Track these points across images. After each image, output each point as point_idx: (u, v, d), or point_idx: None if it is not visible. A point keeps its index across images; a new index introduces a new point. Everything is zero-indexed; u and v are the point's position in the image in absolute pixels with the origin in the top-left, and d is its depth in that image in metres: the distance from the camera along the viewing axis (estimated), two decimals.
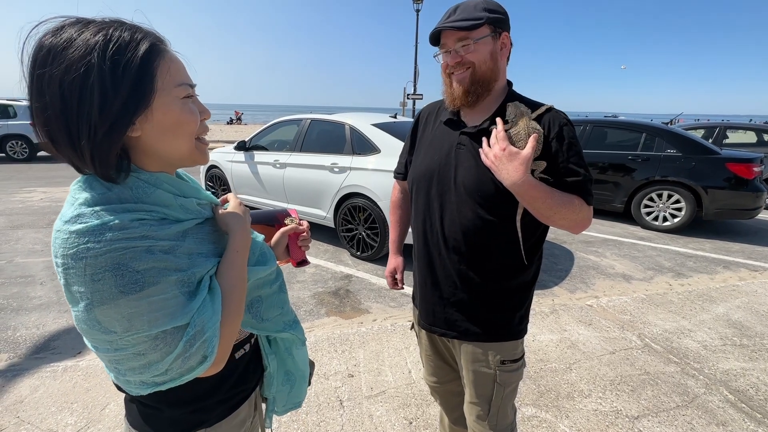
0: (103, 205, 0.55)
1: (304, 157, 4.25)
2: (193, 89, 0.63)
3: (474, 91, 1.00)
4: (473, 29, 0.96)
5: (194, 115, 0.62)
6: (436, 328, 1.15)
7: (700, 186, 4.78)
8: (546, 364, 2.29)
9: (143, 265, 0.53)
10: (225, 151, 5.28)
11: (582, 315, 2.88)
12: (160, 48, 0.59)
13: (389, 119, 4.26)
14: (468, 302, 1.08)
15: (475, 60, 0.98)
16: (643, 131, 5.40)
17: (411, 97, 17.85)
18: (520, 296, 1.09)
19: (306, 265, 0.97)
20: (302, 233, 0.93)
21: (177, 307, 0.56)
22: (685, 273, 3.77)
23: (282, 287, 0.82)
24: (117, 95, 0.53)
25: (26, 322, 2.63)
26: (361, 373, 2.18)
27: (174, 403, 0.68)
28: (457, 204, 1.03)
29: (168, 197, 0.61)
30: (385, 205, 3.53)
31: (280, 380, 0.84)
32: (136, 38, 0.56)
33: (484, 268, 1.05)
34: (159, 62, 0.57)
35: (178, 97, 0.60)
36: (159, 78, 0.57)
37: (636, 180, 5.22)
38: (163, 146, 0.60)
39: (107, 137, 0.54)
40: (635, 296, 3.22)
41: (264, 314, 0.76)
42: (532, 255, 1.07)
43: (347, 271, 3.63)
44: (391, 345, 2.45)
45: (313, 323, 2.74)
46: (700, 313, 2.93)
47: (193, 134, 0.63)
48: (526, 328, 1.14)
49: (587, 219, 0.96)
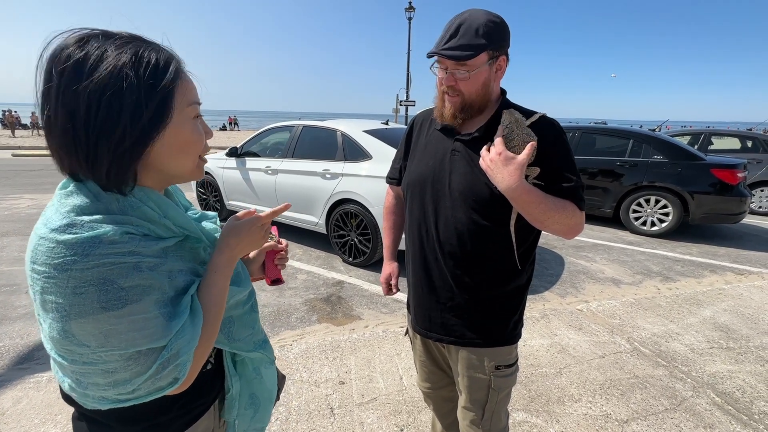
0: (93, 215, 0.53)
1: (296, 164, 4.25)
2: (199, 107, 0.64)
3: (462, 116, 1.03)
4: (469, 59, 0.95)
5: (202, 135, 0.64)
6: (432, 333, 1.15)
7: (687, 191, 4.88)
8: (537, 369, 2.30)
9: (129, 282, 0.52)
10: (216, 157, 5.25)
11: (572, 319, 2.90)
12: (178, 68, 0.60)
13: (381, 126, 4.28)
14: (464, 307, 1.08)
15: (466, 91, 0.99)
16: (631, 137, 5.50)
17: (404, 104, 17.98)
18: (515, 301, 1.10)
19: (280, 284, 0.95)
20: (280, 252, 0.92)
21: (156, 328, 0.55)
22: (672, 277, 3.82)
23: (254, 307, 0.81)
24: (143, 113, 0.54)
25: (10, 332, 2.57)
26: (353, 380, 2.17)
27: (127, 420, 0.64)
28: (452, 209, 1.04)
29: (152, 213, 0.60)
30: (378, 211, 3.53)
31: (243, 404, 0.80)
32: (165, 59, 0.58)
33: (479, 273, 1.06)
34: (176, 83, 0.59)
35: (189, 117, 0.61)
36: (177, 97, 0.59)
37: (624, 185, 5.30)
38: (170, 163, 0.61)
39: (129, 152, 0.55)
40: (624, 300, 3.26)
41: (235, 334, 0.75)
42: (526, 259, 1.08)
43: (339, 278, 3.62)
44: (383, 351, 2.44)
45: (305, 330, 2.72)
46: (688, 317, 2.98)
47: (197, 153, 0.64)
48: (521, 332, 1.15)
49: (580, 224, 0.98)
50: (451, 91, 1.01)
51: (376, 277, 3.62)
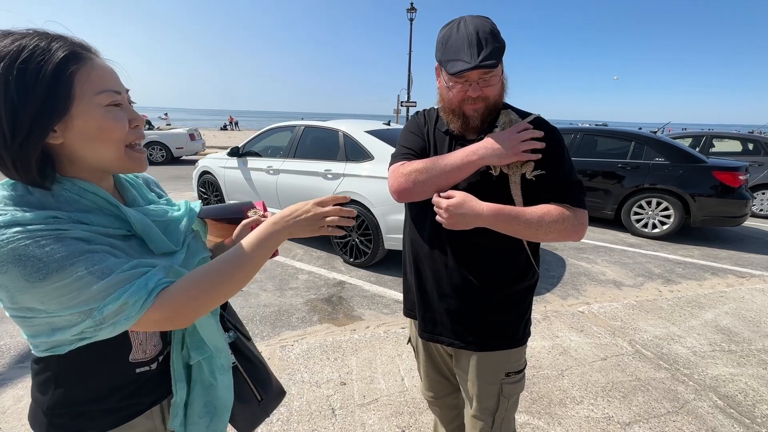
0: (17, 204, 0.55)
1: (297, 164, 4.25)
2: (122, 96, 0.62)
3: (488, 119, 1.02)
4: (497, 66, 0.94)
5: (119, 122, 0.61)
6: (443, 338, 1.12)
7: (688, 194, 4.87)
8: (538, 371, 2.30)
9: (48, 254, 0.52)
10: (218, 157, 5.26)
11: (574, 321, 2.90)
12: (81, 55, 0.58)
13: (383, 126, 4.28)
14: (476, 310, 1.07)
15: (491, 95, 0.99)
16: (632, 140, 5.50)
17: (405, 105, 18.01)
18: (525, 300, 1.10)
19: (275, 255, 0.95)
20: None
21: (89, 290, 0.54)
22: (674, 279, 3.82)
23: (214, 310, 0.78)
24: (27, 104, 0.53)
25: (11, 331, 2.57)
26: (354, 381, 2.17)
27: (54, 405, 0.66)
28: None
29: (92, 205, 0.61)
30: (379, 211, 3.53)
31: (196, 411, 0.76)
32: (53, 47, 0.55)
33: (490, 275, 1.05)
34: (77, 69, 0.57)
35: (100, 104, 0.59)
36: (77, 85, 0.57)
37: (625, 187, 5.30)
38: (87, 153, 0.60)
39: (24, 145, 0.54)
40: (626, 302, 3.25)
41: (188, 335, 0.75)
42: (536, 257, 1.08)
43: (340, 278, 3.62)
44: (384, 352, 2.44)
45: (306, 330, 2.71)
46: (689, 319, 2.97)
47: (119, 141, 0.62)
48: (530, 331, 1.15)
49: (579, 224, 0.96)
50: (478, 101, 0.99)
51: (378, 278, 3.62)
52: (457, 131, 1.05)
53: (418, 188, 1.01)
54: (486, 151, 0.94)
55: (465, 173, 0.97)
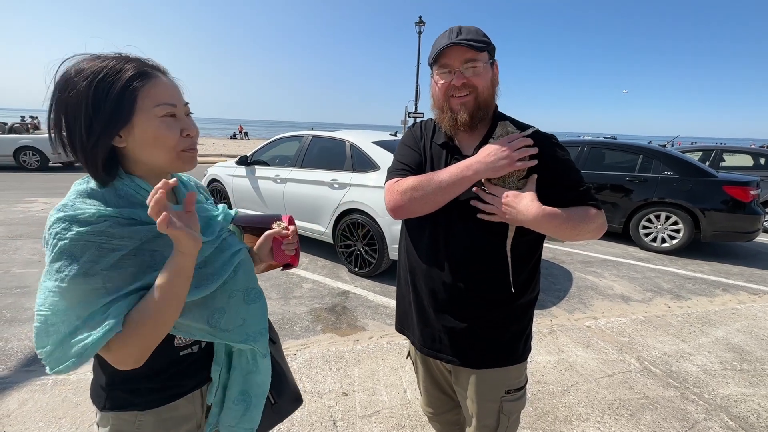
0: (85, 198, 0.67)
1: (304, 173, 4.29)
2: (177, 108, 0.71)
3: (478, 116, 0.99)
4: (482, 51, 0.95)
5: (172, 131, 0.70)
6: (442, 354, 1.09)
7: (698, 208, 4.81)
8: (543, 386, 2.26)
9: (87, 258, 0.62)
10: (226, 165, 5.33)
11: (580, 336, 2.85)
12: (148, 74, 0.68)
13: (389, 137, 4.31)
14: (474, 328, 1.04)
15: (479, 85, 0.96)
16: (640, 153, 5.46)
17: (412, 116, 18.13)
18: (525, 316, 1.08)
19: (292, 268, 0.99)
20: (286, 237, 0.94)
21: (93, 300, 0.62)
22: (684, 295, 3.75)
23: (249, 298, 0.82)
24: (99, 114, 0.65)
25: (19, 334, 2.60)
26: (356, 392, 2.15)
27: (111, 381, 0.74)
28: (463, 228, 1.01)
29: (142, 199, 0.69)
30: (384, 221, 3.54)
31: (233, 397, 0.82)
32: (125, 68, 0.66)
33: (489, 291, 1.03)
34: (141, 86, 0.67)
35: (157, 115, 0.68)
36: (140, 99, 0.67)
37: (634, 201, 5.25)
38: (145, 156, 0.71)
39: (94, 148, 0.66)
40: (634, 318, 3.20)
41: (224, 324, 0.78)
42: (536, 272, 1.08)
43: (345, 287, 3.61)
44: (387, 363, 2.42)
45: (309, 340, 2.71)
46: (700, 337, 2.91)
47: (172, 148, 0.71)
48: (531, 346, 1.13)
49: (605, 223, 0.99)
50: (463, 89, 0.96)
51: (382, 288, 3.61)
52: (448, 130, 1.03)
53: (414, 206, 1.00)
54: (480, 165, 0.93)
55: (460, 188, 0.96)
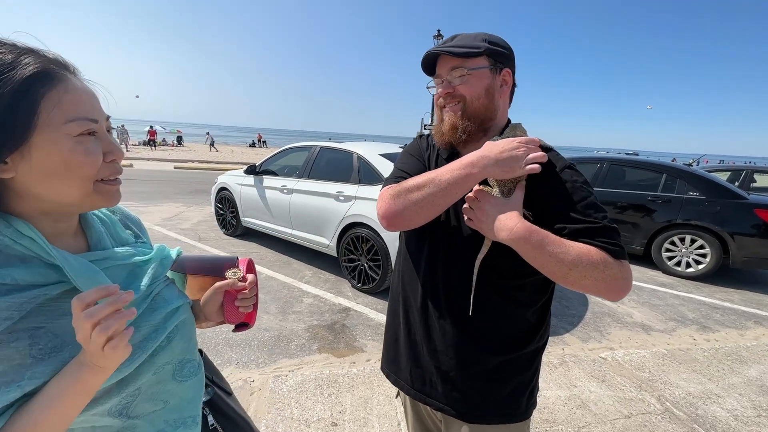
0: None
1: (311, 184, 4.22)
2: (99, 124, 0.53)
3: (464, 128, 0.89)
4: (469, 57, 0.87)
5: (91, 155, 0.52)
6: (431, 400, 0.96)
7: (727, 232, 4.50)
8: (552, 426, 2.06)
9: None
10: (235, 174, 5.33)
11: (595, 369, 2.63)
12: (54, 74, 0.49)
13: (398, 150, 4.22)
14: (471, 375, 0.91)
15: (467, 94, 0.88)
16: (664, 172, 5.20)
17: (428, 128, 18.11)
18: (530, 366, 0.94)
19: (245, 329, 0.80)
20: (242, 290, 0.75)
21: None
22: (711, 326, 3.46)
23: (183, 374, 0.65)
24: None
25: None
26: (346, 421, 2.00)
27: None
28: (461, 259, 0.90)
29: (27, 253, 0.51)
30: (389, 236, 3.41)
31: None
32: (20, 62, 0.46)
33: (491, 334, 0.90)
34: (45, 92, 0.48)
35: (69, 134, 0.50)
36: (44, 111, 0.47)
37: (656, 222, 4.97)
38: (44, 190, 0.51)
39: None
40: (655, 351, 2.95)
41: (134, 409, 0.59)
42: (547, 315, 0.94)
43: (346, 304, 3.48)
44: (382, 391, 2.26)
45: (303, 360, 2.58)
46: (730, 376, 2.64)
47: (89, 177, 0.53)
48: (536, 401, 0.98)
49: (620, 278, 0.74)
50: (449, 99, 0.90)
51: (384, 306, 3.46)
52: (441, 146, 0.97)
53: (410, 211, 0.85)
54: (488, 162, 0.79)
55: (463, 189, 0.82)
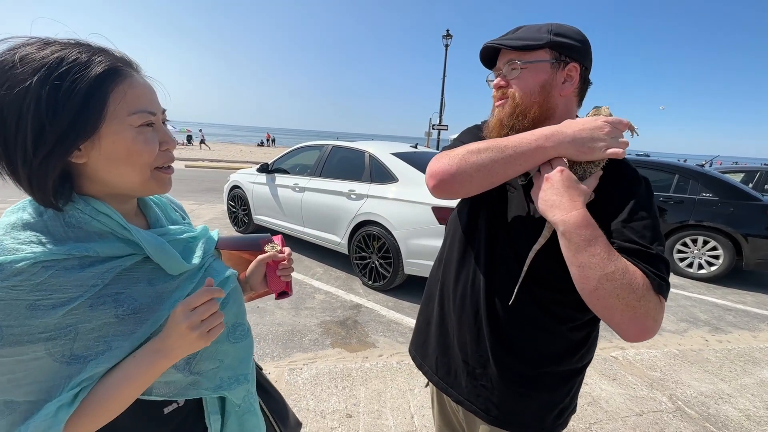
0: (18, 233, 0.51)
1: (322, 182, 4.28)
2: (156, 116, 0.58)
3: (512, 125, 0.83)
4: (525, 50, 0.80)
5: (150, 144, 0.57)
6: (452, 391, 0.94)
7: (740, 233, 4.46)
8: None
9: (11, 321, 0.48)
10: (248, 172, 5.41)
11: (606, 368, 2.65)
12: (121, 71, 0.54)
13: (409, 149, 4.26)
14: (498, 379, 0.86)
15: (518, 89, 0.82)
16: (676, 172, 5.16)
17: (436, 128, 18.09)
18: (565, 385, 0.86)
19: (287, 296, 0.88)
20: (281, 261, 0.85)
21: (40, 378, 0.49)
22: (723, 328, 3.44)
23: (235, 336, 0.71)
24: (55, 120, 0.49)
25: None
26: (361, 413, 2.05)
27: None
28: (503, 258, 0.85)
29: (102, 228, 0.57)
30: (400, 234, 3.46)
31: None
32: (93, 61, 0.52)
33: (527, 344, 0.84)
34: (114, 87, 0.53)
35: (132, 125, 0.55)
36: (112, 104, 0.53)
37: (668, 223, 4.94)
38: (110, 176, 0.57)
39: (44, 162, 0.50)
40: (666, 351, 2.95)
41: (195, 366, 0.64)
42: (592, 332, 0.86)
43: (357, 301, 3.53)
44: (395, 385, 2.31)
45: (317, 354, 2.63)
46: (742, 376, 2.64)
47: (147, 165, 0.58)
48: (567, 422, 0.89)
49: (651, 317, 0.65)
50: (501, 95, 0.85)
51: (395, 303, 3.51)
52: (487, 135, 0.90)
53: (464, 173, 0.77)
54: (564, 138, 0.72)
55: (530, 163, 0.75)
